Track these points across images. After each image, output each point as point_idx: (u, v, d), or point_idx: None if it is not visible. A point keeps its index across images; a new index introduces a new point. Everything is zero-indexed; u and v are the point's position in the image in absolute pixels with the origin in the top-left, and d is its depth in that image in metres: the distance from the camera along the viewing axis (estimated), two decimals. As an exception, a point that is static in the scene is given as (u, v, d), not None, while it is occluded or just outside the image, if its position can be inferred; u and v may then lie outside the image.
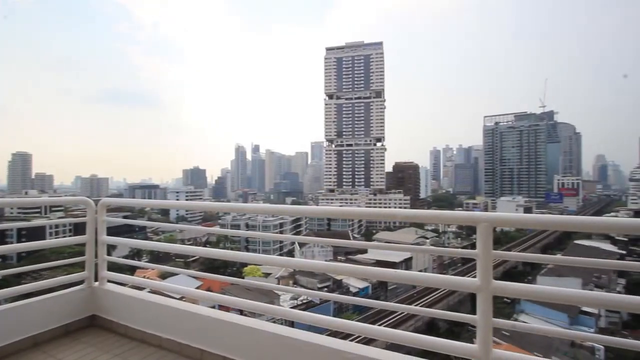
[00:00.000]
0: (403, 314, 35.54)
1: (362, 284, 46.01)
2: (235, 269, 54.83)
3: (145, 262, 50.58)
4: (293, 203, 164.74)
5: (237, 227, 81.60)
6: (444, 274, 55.67)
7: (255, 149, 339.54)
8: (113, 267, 3.72)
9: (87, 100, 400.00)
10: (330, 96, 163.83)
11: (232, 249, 65.07)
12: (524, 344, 26.08)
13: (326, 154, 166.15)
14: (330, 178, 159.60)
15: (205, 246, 71.31)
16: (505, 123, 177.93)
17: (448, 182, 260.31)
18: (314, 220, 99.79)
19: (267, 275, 50.11)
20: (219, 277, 4.20)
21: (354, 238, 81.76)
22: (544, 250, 71.33)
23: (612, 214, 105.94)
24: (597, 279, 42.77)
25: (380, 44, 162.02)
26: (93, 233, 3.53)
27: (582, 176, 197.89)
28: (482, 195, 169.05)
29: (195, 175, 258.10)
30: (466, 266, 57.89)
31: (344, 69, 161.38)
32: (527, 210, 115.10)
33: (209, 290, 32.07)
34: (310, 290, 41.67)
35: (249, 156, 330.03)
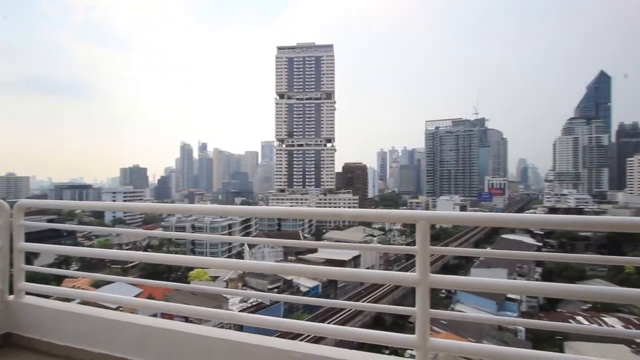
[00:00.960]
0: (351, 311, 36.62)
1: (312, 283, 46.46)
2: (180, 273, 52.09)
3: (75, 270, 45.69)
4: (242, 203, 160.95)
5: (183, 229, 77.36)
6: (389, 269, 58.58)
7: (203, 147, 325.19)
8: (35, 277, 3.30)
9: (3, 88, 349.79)
10: (281, 96, 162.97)
11: (176, 252, 61.63)
12: (459, 331, 28.43)
13: (277, 153, 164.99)
14: (280, 178, 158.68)
15: (147, 250, 66.69)
16: (444, 128, 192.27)
17: (394, 182, 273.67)
18: (264, 220, 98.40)
19: (214, 278, 48.30)
20: (162, 283, 3.93)
21: (305, 238, 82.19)
22: (476, 245, 78.24)
23: (531, 211, 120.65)
24: (519, 268, 48.11)
25: (331, 46, 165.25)
26: (7, 239, 3.10)
27: (508, 177, 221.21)
28: (424, 195, 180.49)
29: (135, 174, 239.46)
30: (410, 261, 61.39)
31: (295, 69, 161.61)
32: (463, 208, 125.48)
33: (150, 298, 30.03)
34: (260, 292, 41.06)
35: (195, 155, 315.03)
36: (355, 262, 54.06)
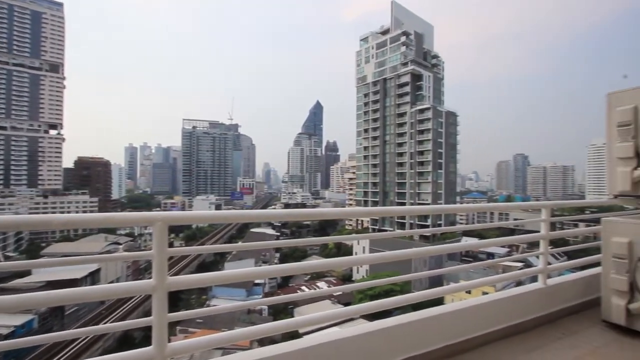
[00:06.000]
0: (87, 338, 29.84)
1: (19, 320, 33.68)
2: None
3: None
4: None
5: None
6: (139, 279, 52.06)
7: None
8: None
9: None
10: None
11: None
12: (214, 324, 29.67)
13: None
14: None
15: None
16: (201, 128, 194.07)
17: (146, 182, 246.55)
18: None
19: None
20: None
21: (9, 258, 58.30)
22: (230, 240, 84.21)
23: (272, 207, 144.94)
24: (264, 256, 56.16)
25: (61, 4, 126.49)
26: None
27: (256, 178, 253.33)
28: (180, 195, 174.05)
29: None
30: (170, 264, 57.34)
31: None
32: (218, 207, 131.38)
33: None
34: None
35: None
36: (93, 278, 44.21)
